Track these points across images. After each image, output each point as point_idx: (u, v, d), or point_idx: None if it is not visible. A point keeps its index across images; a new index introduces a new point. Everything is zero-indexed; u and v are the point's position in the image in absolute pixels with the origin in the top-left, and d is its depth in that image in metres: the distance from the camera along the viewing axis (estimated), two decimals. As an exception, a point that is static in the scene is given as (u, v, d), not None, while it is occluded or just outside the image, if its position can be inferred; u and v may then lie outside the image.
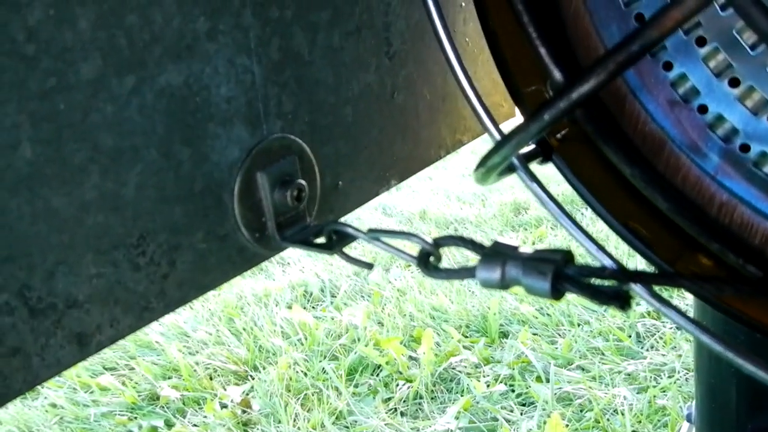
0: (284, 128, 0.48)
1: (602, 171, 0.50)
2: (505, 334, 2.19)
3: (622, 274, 0.34)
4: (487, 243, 0.39)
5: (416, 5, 0.61)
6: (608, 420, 1.61)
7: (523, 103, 0.52)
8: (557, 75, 0.38)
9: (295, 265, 2.87)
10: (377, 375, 2.04)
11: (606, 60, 0.30)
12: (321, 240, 0.45)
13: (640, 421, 1.60)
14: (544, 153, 0.51)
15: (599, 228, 2.01)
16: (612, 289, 0.32)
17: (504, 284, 0.35)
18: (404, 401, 1.87)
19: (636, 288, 0.40)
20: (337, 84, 0.53)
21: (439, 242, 0.38)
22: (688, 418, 0.82)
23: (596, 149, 0.50)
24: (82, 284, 0.37)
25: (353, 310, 2.49)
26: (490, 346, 2.14)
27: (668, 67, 0.45)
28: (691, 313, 0.53)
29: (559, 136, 0.51)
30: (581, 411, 1.66)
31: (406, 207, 3.43)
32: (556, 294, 0.33)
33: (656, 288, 0.44)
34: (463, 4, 0.67)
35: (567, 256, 0.34)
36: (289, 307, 2.46)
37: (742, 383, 0.71)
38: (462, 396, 1.85)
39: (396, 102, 0.59)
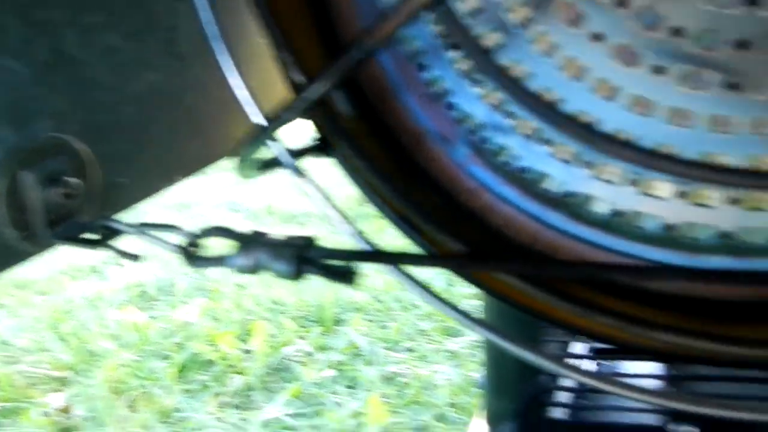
0: (56, 128, 0.48)
1: (389, 164, 0.54)
2: (339, 322, 2.25)
3: (363, 254, 0.38)
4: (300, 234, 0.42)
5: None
6: (428, 395, 1.70)
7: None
8: (298, 77, 0.41)
9: (132, 266, 2.78)
10: (210, 371, 2.03)
11: (332, 67, 0.33)
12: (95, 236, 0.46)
13: (456, 394, 1.72)
14: (326, 149, 0.54)
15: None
16: (342, 267, 0.36)
17: (256, 269, 0.38)
18: (236, 394, 1.88)
19: (387, 267, 0.44)
20: (116, 84, 0.53)
21: (203, 233, 0.40)
22: (479, 385, 0.90)
23: (387, 143, 0.54)
24: None
25: (190, 307, 2.45)
26: (325, 335, 2.18)
27: (422, 68, 0.50)
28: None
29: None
30: (404, 389, 1.75)
31: (253, 203, 3.40)
32: (297, 275, 0.37)
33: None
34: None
35: (309, 240, 0.37)
36: (123, 309, 2.38)
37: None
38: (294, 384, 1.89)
39: (185, 101, 0.61)
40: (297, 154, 0.48)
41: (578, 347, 0.88)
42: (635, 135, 0.44)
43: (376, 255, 0.39)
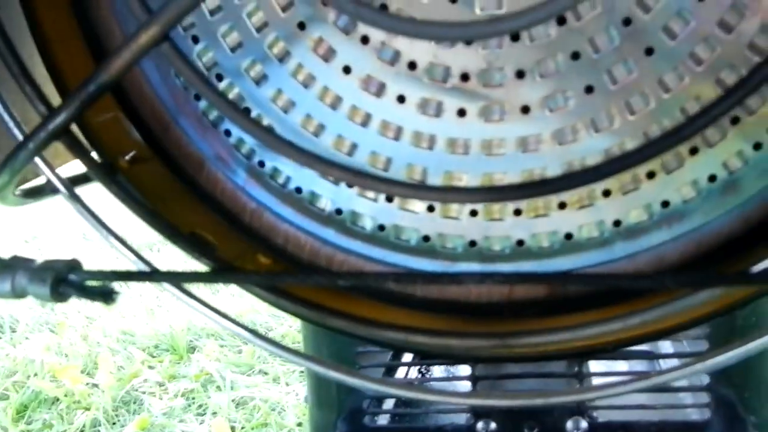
0: None
1: (174, 186, 0.56)
2: (193, 349, 2.22)
3: (130, 274, 0.41)
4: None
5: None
6: (277, 416, 1.72)
7: (96, 132, 0.56)
8: (40, 108, 0.43)
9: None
10: (54, 408, 1.94)
11: (71, 97, 0.36)
12: None
13: (306, 414, 1.74)
14: (109, 175, 0.56)
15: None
16: (101, 288, 0.38)
17: (16, 294, 0.39)
18: (82, 431, 1.81)
19: (166, 285, 0.47)
20: None
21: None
22: (306, 399, 0.93)
23: (169, 165, 0.56)
24: None
25: (33, 343, 2.34)
26: (178, 363, 2.15)
27: (198, 97, 0.53)
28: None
29: (128, 157, 0.56)
30: (253, 412, 1.75)
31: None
32: (58, 297, 0.38)
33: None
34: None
35: (70, 263, 0.39)
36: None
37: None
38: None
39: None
40: (76, 180, 0.50)
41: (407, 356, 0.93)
42: (388, 157, 0.49)
43: (144, 275, 0.41)
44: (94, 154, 0.51)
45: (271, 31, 0.48)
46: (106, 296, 0.37)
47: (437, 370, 0.93)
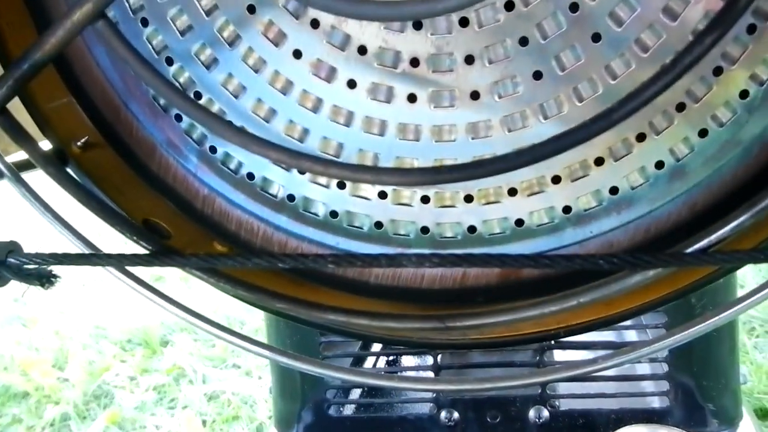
0: None
1: (126, 172, 0.56)
2: (166, 343, 2.20)
3: (72, 257, 0.40)
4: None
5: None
6: (249, 409, 1.71)
7: (47, 118, 0.55)
8: None
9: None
10: (24, 403, 1.92)
11: (3, 77, 0.35)
12: None
13: (276, 406, 1.74)
14: (62, 160, 0.55)
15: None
16: (39, 271, 0.38)
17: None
18: (52, 425, 1.80)
19: (110, 269, 0.46)
20: None
21: None
22: (270, 390, 0.93)
23: (122, 151, 0.55)
24: None
25: (4, 337, 2.31)
26: (150, 357, 2.13)
27: (150, 81, 0.52)
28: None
29: (80, 143, 0.55)
30: (225, 405, 1.75)
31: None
32: (-4, 281, 0.38)
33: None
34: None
35: (10, 246, 0.39)
36: None
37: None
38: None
39: None
40: (24, 165, 0.49)
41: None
42: (339, 143, 0.49)
43: (83, 257, 0.41)
44: (42, 143, 0.50)
45: (221, 15, 0.47)
46: (45, 280, 0.37)
47: (405, 362, 0.93)
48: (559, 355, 0.86)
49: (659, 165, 0.48)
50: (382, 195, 0.50)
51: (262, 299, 0.46)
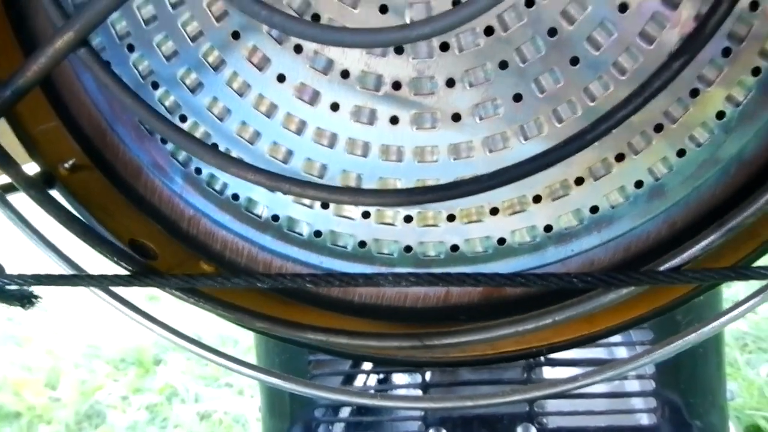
0: None
1: (113, 194, 0.56)
2: (159, 362, 2.20)
3: (54, 278, 0.41)
4: None
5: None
6: (240, 428, 1.71)
7: (35, 141, 0.56)
8: None
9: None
10: (15, 423, 1.91)
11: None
12: None
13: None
14: (49, 183, 0.56)
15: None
16: (21, 292, 0.38)
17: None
18: (43, 445, 1.79)
19: (94, 289, 0.47)
20: None
21: None
22: (260, 408, 0.93)
23: (108, 173, 0.56)
24: None
25: (-3, 357, 2.31)
26: (143, 376, 2.13)
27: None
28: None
29: (67, 165, 0.56)
30: (217, 425, 1.74)
31: None
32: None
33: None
34: None
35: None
36: None
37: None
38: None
39: None
40: (8, 187, 0.50)
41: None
42: (323, 164, 0.50)
43: (65, 278, 0.41)
44: (25, 166, 0.50)
45: (206, 41, 0.48)
46: (26, 300, 0.38)
47: (395, 380, 0.93)
48: (549, 372, 0.86)
49: (638, 184, 0.49)
50: (366, 215, 0.51)
51: (243, 319, 0.47)
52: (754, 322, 1.91)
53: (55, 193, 0.52)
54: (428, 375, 0.85)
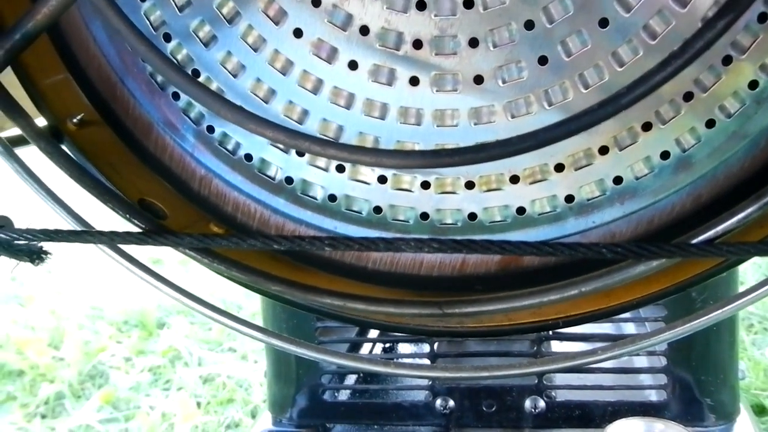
0: None
1: (122, 151, 0.55)
2: (162, 326, 2.20)
3: (63, 234, 0.39)
4: None
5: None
6: (243, 392, 1.71)
7: (44, 94, 0.54)
8: None
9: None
10: (18, 381, 1.92)
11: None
12: None
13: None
14: (56, 137, 0.54)
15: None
16: (29, 247, 0.37)
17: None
18: (46, 403, 1.80)
19: (101, 247, 0.46)
20: None
21: None
22: (265, 374, 0.92)
23: (118, 130, 0.54)
24: None
25: (0, 316, 2.31)
26: (146, 339, 2.13)
27: (147, 58, 0.51)
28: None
29: (75, 120, 0.54)
30: (220, 388, 1.75)
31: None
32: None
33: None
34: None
35: (1, 221, 0.38)
36: None
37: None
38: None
39: None
40: (18, 140, 0.48)
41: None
42: (339, 125, 0.48)
43: (74, 234, 0.40)
44: (37, 120, 0.49)
45: (220, -10, 0.46)
46: (35, 256, 0.36)
47: (401, 349, 0.93)
48: (557, 346, 0.86)
49: (665, 155, 0.47)
50: (382, 179, 0.49)
51: (258, 281, 0.45)
52: (761, 302, 1.89)
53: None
54: (436, 345, 0.84)
